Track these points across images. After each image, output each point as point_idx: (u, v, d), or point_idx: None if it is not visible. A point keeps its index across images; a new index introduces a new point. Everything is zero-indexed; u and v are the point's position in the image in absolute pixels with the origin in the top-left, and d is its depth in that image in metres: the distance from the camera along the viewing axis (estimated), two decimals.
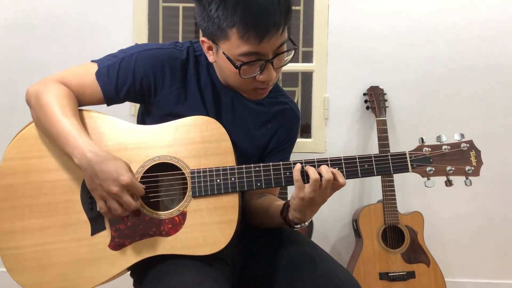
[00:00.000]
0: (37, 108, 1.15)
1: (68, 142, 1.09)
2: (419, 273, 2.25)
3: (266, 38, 1.07)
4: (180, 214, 1.14)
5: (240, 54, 1.10)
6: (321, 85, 2.56)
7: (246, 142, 1.28)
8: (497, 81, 2.52)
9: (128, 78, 1.20)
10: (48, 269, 1.12)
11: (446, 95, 2.52)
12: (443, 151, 1.15)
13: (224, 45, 1.11)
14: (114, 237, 1.13)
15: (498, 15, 2.50)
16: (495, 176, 2.52)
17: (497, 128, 2.52)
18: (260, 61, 1.11)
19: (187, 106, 1.23)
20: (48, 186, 1.15)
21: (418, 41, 2.52)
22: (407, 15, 2.52)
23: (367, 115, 2.53)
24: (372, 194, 2.55)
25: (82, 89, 1.20)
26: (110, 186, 1.05)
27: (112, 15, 2.53)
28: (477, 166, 1.16)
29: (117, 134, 1.17)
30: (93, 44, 2.50)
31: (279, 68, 1.17)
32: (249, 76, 1.14)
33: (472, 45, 2.51)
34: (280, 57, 1.14)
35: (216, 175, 1.14)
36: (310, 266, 1.17)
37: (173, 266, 1.10)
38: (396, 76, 2.53)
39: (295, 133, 1.37)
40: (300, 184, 1.11)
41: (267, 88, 1.20)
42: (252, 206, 1.31)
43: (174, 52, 1.23)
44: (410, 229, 2.29)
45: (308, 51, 2.76)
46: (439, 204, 2.55)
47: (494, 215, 2.55)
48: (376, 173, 1.14)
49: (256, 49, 1.08)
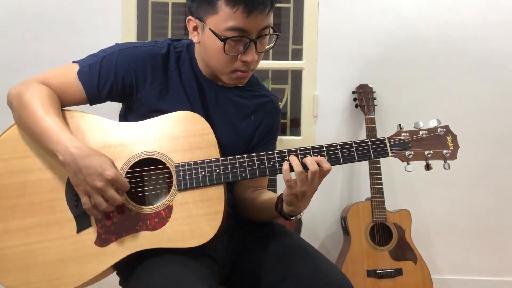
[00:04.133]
0: (19, 108, 1.15)
1: (51, 139, 1.09)
2: (407, 270, 2.27)
3: (253, 13, 1.11)
4: (166, 207, 1.14)
5: (227, 28, 1.13)
6: (310, 83, 2.57)
7: (232, 135, 1.30)
8: (485, 79, 2.54)
9: (109, 76, 1.21)
10: (34, 269, 1.11)
11: (435, 94, 2.54)
12: (420, 136, 1.19)
13: (212, 20, 1.15)
14: (100, 233, 1.13)
15: (486, 14, 2.52)
16: (482, 174, 2.55)
17: (484, 126, 2.55)
18: (244, 38, 1.14)
19: (170, 102, 1.24)
20: (32, 185, 1.14)
21: (407, 40, 2.53)
22: (397, 13, 2.53)
23: (356, 113, 2.54)
24: (360, 192, 2.56)
25: (64, 89, 1.20)
26: (95, 181, 1.06)
27: (100, 11, 2.50)
28: (454, 149, 1.20)
29: (100, 132, 1.18)
30: (81, 41, 2.47)
31: (261, 53, 1.21)
32: (232, 53, 1.16)
33: (461, 43, 2.53)
34: (263, 41, 1.19)
35: (201, 168, 1.15)
36: (301, 262, 1.18)
37: (159, 262, 1.10)
38: (385, 74, 2.54)
39: (278, 125, 1.40)
40: (291, 183, 1.12)
41: (247, 71, 1.22)
42: (245, 200, 1.32)
43: (154, 49, 1.26)
44: (397, 226, 2.31)
45: (298, 48, 2.76)
46: (427, 202, 2.57)
47: (480, 212, 2.57)
48: (357, 159, 1.17)
49: (243, 24, 1.13)
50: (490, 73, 2.54)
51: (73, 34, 2.49)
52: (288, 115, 2.97)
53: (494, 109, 2.55)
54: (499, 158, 2.56)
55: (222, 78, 1.25)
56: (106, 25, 2.50)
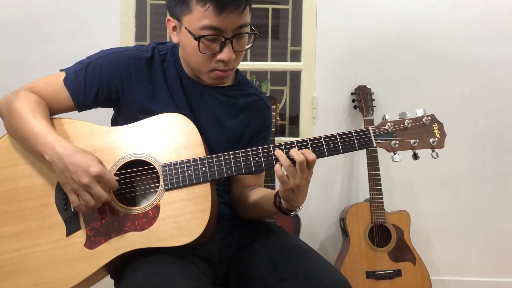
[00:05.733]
0: (8, 116, 1.19)
1: (38, 140, 1.12)
2: (406, 271, 2.27)
3: (225, 12, 1.12)
4: (153, 207, 1.15)
5: (201, 27, 1.15)
6: (309, 84, 2.57)
7: (219, 134, 1.30)
8: (482, 81, 2.54)
9: (95, 82, 1.24)
10: (24, 274, 1.12)
11: (433, 95, 2.54)
12: (405, 125, 1.17)
13: (187, 19, 1.17)
14: (89, 236, 1.14)
15: (484, 16, 2.52)
16: (480, 175, 2.55)
17: (482, 127, 2.54)
18: (219, 37, 1.16)
19: (157, 103, 1.26)
20: (22, 192, 1.16)
21: (406, 41, 2.53)
22: (395, 15, 2.53)
23: (355, 114, 2.54)
24: (359, 193, 2.56)
25: (52, 96, 1.24)
26: (81, 178, 1.07)
27: (99, 12, 2.51)
28: (441, 137, 1.17)
29: (88, 137, 1.20)
30: (80, 42, 2.48)
31: (240, 52, 1.21)
32: (208, 52, 1.17)
33: (460, 45, 2.53)
34: (241, 41, 1.20)
35: (187, 167, 1.16)
36: (299, 263, 1.18)
37: (148, 263, 1.10)
38: (383, 75, 2.54)
39: (269, 122, 1.40)
40: (284, 179, 1.12)
41: (226, 71, 1.22)
42: (244, 200, 1.32)
43: (138, 52, 1.28)
44: (396, 227, 2.31)
45: (296, 50, 2.76)
46: (426, 203, 2.56)
47: (479, 214, 2.57)
48: (342, 150, 1.16)
49: (216, 23, 1.14)
50: (489, 74, 2.54)
51: (72, 35, 2.50)
52: (287, 116, 2.97)
53: (493, 110, 2.55)
54: (497, 159, 2.56)
55: (202, 77, 1.26)
56: (105, 26, 2.50)
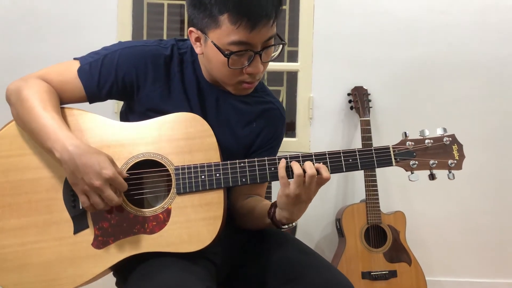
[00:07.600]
0: (18, 104, 1.12)
1: (49, 136, 1.07)
2: (401, 272, 2.27)
3: (257, 27, 1.06)
4: (164, 211, 1.12)
5: (230, 42, 1.09)
6: (306, 85, 2.57)
7: (230, 141, 1.27)
8: (478, 81, 2.56)
9: (110, 75, 1.19)
10: (29, 269, 1.10)
11: (430, 96, 2.55)
12: (426, 145, 1.15)
13: (214, 33, 1.10)
14: (97, 235, 1.11)
15: (479, 17, 2.54)
16: (475, 176, 2.55)
17: (478, 128, 2.56)
18: (249, 51, 1.10)
19: (171, 103, 1.22)
20: (29, 184, 1.12)
21: (402, 42, 2.54)
22: (392, 15, 2.54)
23: (351, 115, 2.54)
24: (355, 194, 2.56)
25: (63, 86, 1.18)
26: (92, 180, 1.04)
27: (96, 11, 2.49)
28: (460, 159, 1.17)
29: (100, 131, 1.16)
30: (77, 41, 2.46)
31: (266, 63, 1.16)
32: (237, 67, 1.13)
33: (455, 46, 2.54)
34: (268, 51, 1.14)
35: (201, 171, 1.13)
36: (305, 266, 1.16)
37: (157, 265, 1.09)
38: (380, 76, 2.55)
39: (281, 132, 1.36)
40: (285, 181, 1.10)
41: (253, 82, 1.18)
42: (239, 207, 1.30)
43: (157, 49, 1.22)
44: (392, 228, 2.31)
45: (293, 50, 2.77)
46: (421, 204, 2.57)
47: (474, 214, 2.58)
48: (360, 167, 1.13)
49: (247, 38, 1.08)
50: (486, 75, 2.55)
51: (69, 34, 2.48)
52: None
53: (489, 111, 2.56)
54: (494, 160, 2.58)
55: (228, 88, 1.22)
56: (101, 25, 2.49)
